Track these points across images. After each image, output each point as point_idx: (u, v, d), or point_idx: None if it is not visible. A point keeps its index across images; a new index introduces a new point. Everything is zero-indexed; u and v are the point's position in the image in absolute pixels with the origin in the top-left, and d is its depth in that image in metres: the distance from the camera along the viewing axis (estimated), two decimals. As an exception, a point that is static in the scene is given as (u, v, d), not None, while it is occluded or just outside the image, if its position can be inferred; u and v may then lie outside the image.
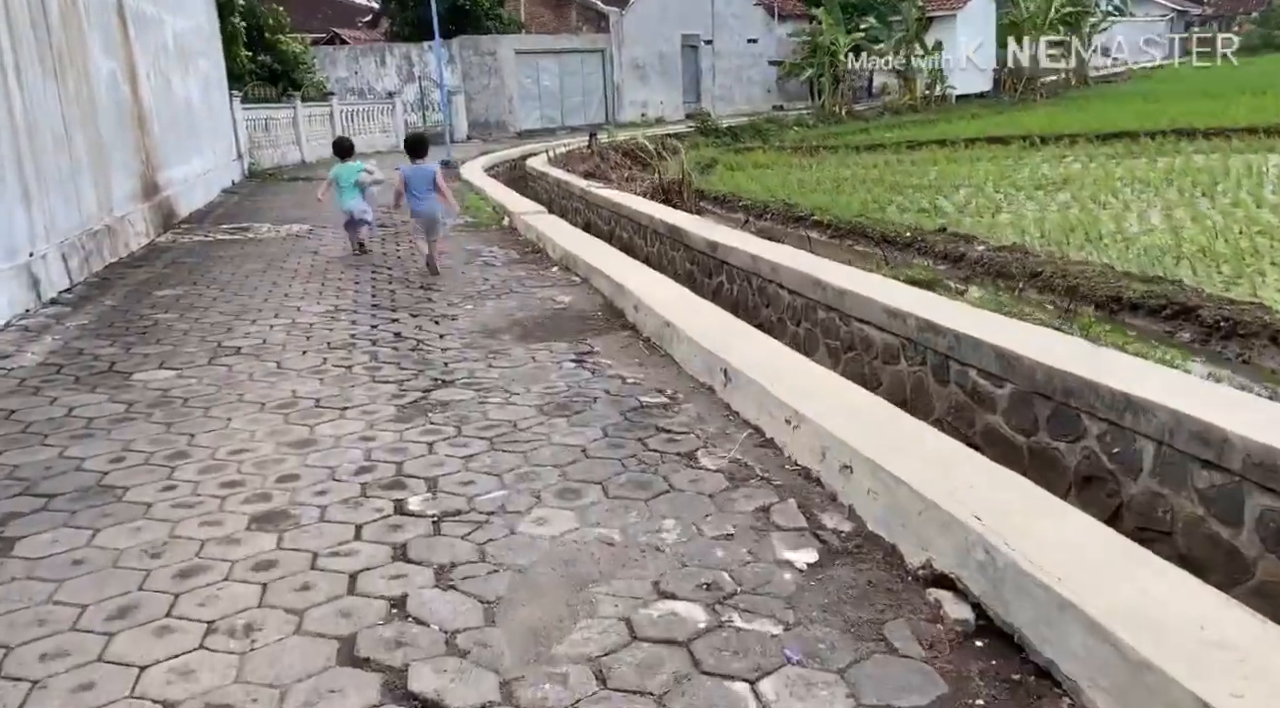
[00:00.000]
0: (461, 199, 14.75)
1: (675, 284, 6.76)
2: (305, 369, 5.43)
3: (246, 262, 9.37)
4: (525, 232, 10.85)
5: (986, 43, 39.50)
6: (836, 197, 15.48)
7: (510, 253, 9.69)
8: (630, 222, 11.94)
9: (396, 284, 8.12)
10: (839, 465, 3.49)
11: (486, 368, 5.43)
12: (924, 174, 18.63)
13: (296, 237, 11.18)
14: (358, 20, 45.26)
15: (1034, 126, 24.87)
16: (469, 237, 11.01)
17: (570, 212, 15.27)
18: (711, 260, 9.02)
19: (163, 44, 13.15)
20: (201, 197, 14.62)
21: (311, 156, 23.58)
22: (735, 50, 38.35)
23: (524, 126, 32.39)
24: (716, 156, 24.18)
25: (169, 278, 8.54)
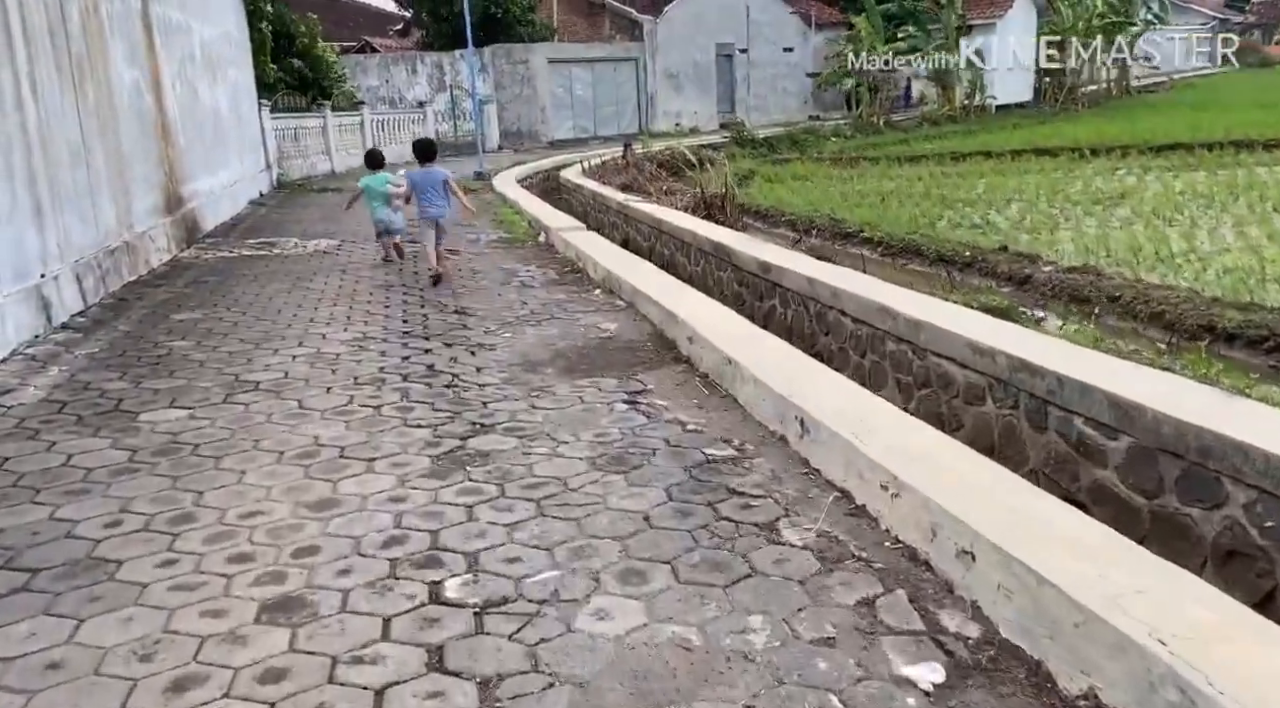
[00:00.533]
0: (494, 213, 14.32)
1: (733, 313, 6.20)
2: (329, 410, 4.92)
3: (271, 281, 8.92)
4: (563, 249, 10.34)
5: (1028, 51, 38.65)
6: (883, 211, 14.86)
7: (548, 272, 9.18)
8: (672, 238, 11.40)
9: (429, 307, 7.63)
10: (955, 549, 2.92)
11: (529, 409, 4.90)
12: (971, 187, 17.96)
13: (324, 253, 10.74)
14: (389, 29, 45.18)
15: (1081, 137, 24.08)
16: (504, 254, 10.52)
17: (607, 226, 14.77)
18: (763, 282, 8.46)
19: (190, 53, 12.81)
20: (228, 209, 14.26)
21: (341, 167, 23.27)
22: (770, 59, 37.77)
23: (556, 136, 32.00)
24: (754, 168, 23.60)
25: (189, 299, 8.11)
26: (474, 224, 13.42)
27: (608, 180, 17.79)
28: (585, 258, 9.22)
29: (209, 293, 8.37)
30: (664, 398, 5.04)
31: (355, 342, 6.42)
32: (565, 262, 9.81)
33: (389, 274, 9.29)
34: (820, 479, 3.80)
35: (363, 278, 9.01)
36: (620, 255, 9.08)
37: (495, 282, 8.75)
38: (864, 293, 6.55)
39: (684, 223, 11.03)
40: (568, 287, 8.42)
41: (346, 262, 10.04)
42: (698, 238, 10.32)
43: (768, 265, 8.29)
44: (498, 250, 10.85)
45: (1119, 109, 35.92)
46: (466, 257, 10.34)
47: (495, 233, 12.36)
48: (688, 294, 6.92)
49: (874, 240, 12.13)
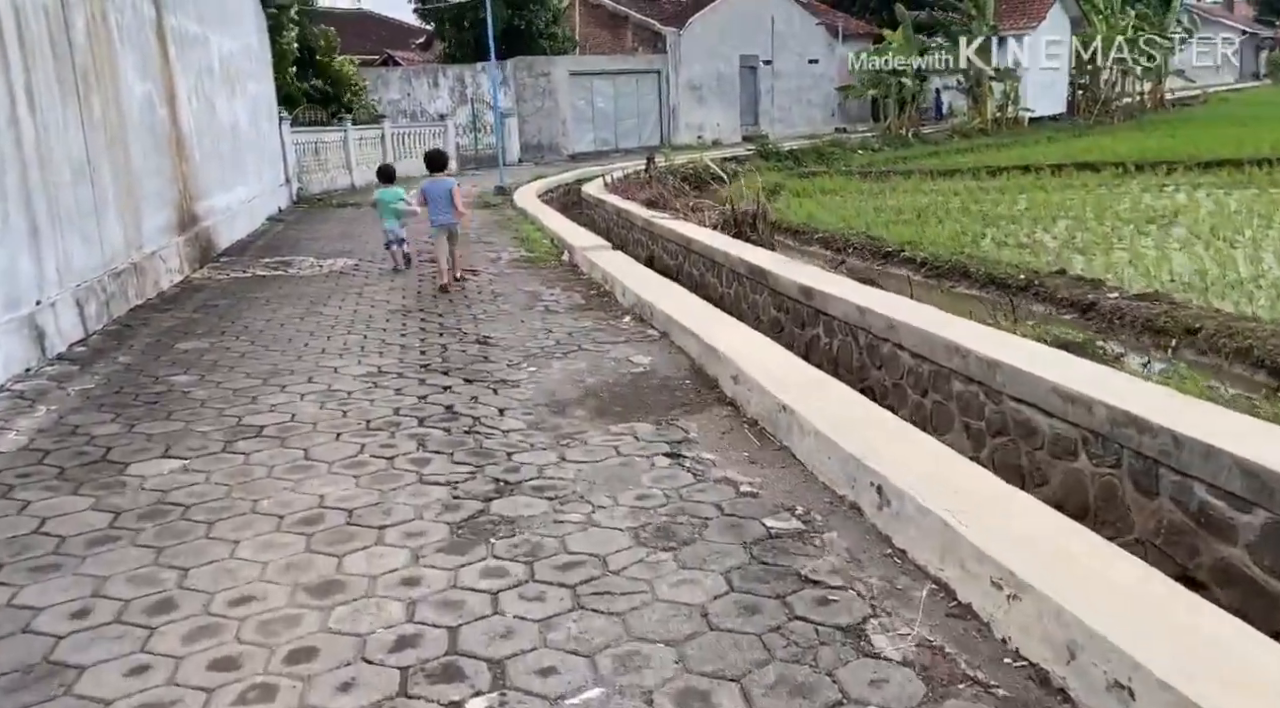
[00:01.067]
0: (515, 229, 13.84)
1: (781, 349, 5.64)
2: (338, 462, 4.40)
3: (284, 305, 8.44)
4: (589, 270, 9.82)
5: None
6: (922, 229, 14.24)
7: (573, 296, 8.66)
8: (702, 258, 10.85)
9: (448, 335, 7.11)
10: (1105, 680, 2.34)
11: (559, 462, 4.36)
12: (1012, 203, 17.32)
13: (340, 274, 10.27)
14: (411, 42, 45.05)
15: (1122, 152, 23.37)
16: (527, 275, 10.01)
17: (631, 244, 14.25)
18: (805, 309, 7.89)
19: (207, 65, 12.43)
20: (245, 226, 13.86)
21: (361, 181, 22.91)
22: (795, 71, 37.26)
23: (577, 149, 31.60)
24: (781, 182, 23.04)
25: (196, 326, 7.63)
26: (493, 241, 12.95)
27: (631, 195, 17.28)
28: (613, 281, 8.70)
29: (218, 319, 7.89)
30: (710, 449, 4.48)
31: (369, 377, 5.90)
32: (591, 284, 9.29)
33: (406, 297, 8.80)
34: (908, 563, 3.23)
35: (379, 302, 8.52)
36: (650, 278, 8.54)
37: (518, 306, 8.24)
38: (927, 326, 5.97)
39: (715, 242, 10.48)
40: (595, 313, 7.89)
41: (363, 284, 9.56)
42: (730, 259, 9.76)
43: (810, 291, 7.72)
44: (520, 271, 10.35)
45: (1155, 123, 35.09)
46: (487, 278, 9.84)
47: (517, 251, 11.87)
48: (727, 324, 6.37)
49: (916, 260, 11.53)
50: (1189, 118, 36.89)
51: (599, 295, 8.69)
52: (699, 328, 6.24)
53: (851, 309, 6.98)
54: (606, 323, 7.45)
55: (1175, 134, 28.57)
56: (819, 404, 4.41)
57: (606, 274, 9.00)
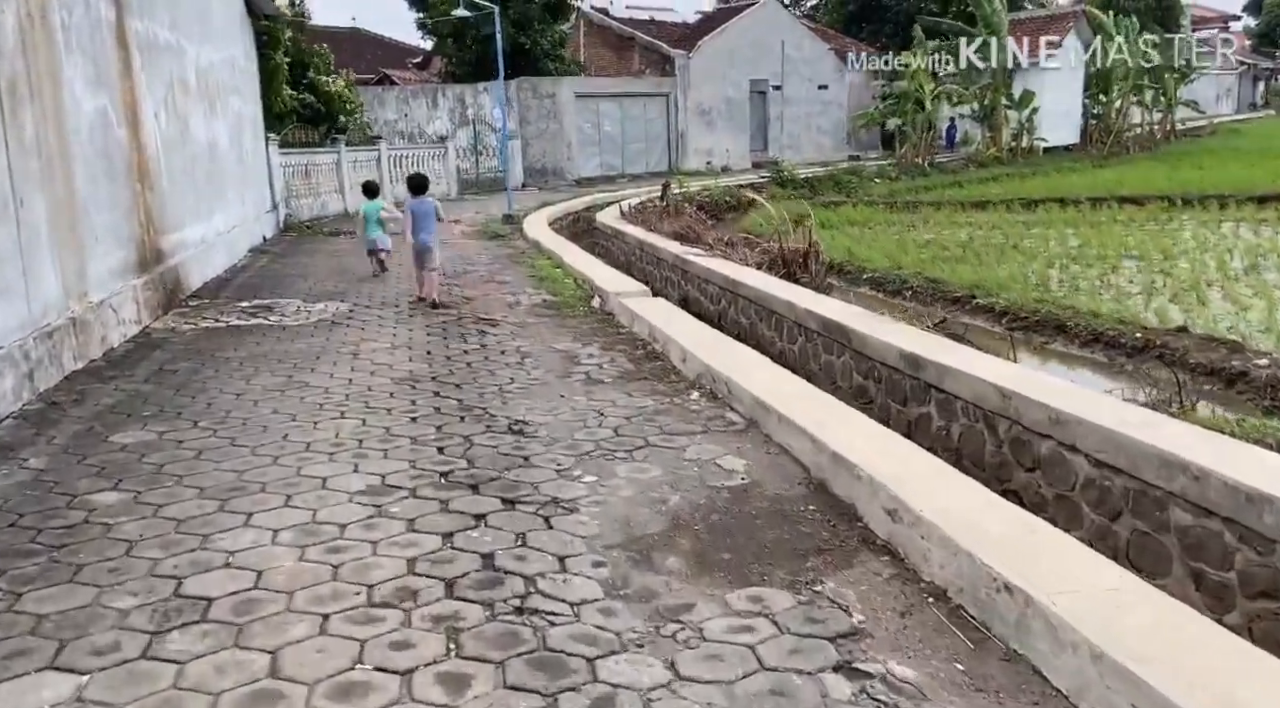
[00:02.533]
0: (530, 265, 12.28)
1: (947, 467, 4.08)
2: (322, 683, 2.80)
3: (261, 371, 6.84)
4: (629, 323, 8.28)
5: (1074, 93, 36.92)
6: (979, 269, 12.79)
7: (617, 358, 7.10)
8: (755, 305, 9.32)
9: (471, 419, 5.53)
10: None
11: (666, 670, 2.83)
12: (1062, 239, 15.91)
13: (332, 323, 8.68)
14: (408, 61, 43.71)
15: (1160, 185, 22.06)
16: (553, 325, 8.45)
17: (659, 282, 12.73)
18: (909, 381, 6.35)
19: (181, 77, 10.89)
20: (223, 259, 12.27)
21: (355, 206, 21.29)
22: (805, 97, 36.02)
23: (582, 174, 30.17)
24: (803, 212, 21.58)
25: (146, 402, 6.02)
26: (508, 279, 11.40)
27: (653, 226, 15.79)
28: (664, 339, 7.15)
29: (175, 391, 6.28)
30: (899, 655, 2.92)
31: (371, 496, 4.31)
32: (634, 341, 7.74)
33: (413, 357, 7.21)
34: None
35: (380, 366, 6.92)
36: (713, 339, 6.99)
37: (552, 373, 6.67)
38: (1121, 428, 4.42)
39: (773, 288, 8.95)
40: (650, 383, 6.33)
41: (359, 338, 7.97)
42: (796, 310, 8.23)
43: (918, 360, 6.19)
44: (544, 320, 8.79)
45: (1174, 154, 33.93)
46: (508, 329, 8.28)
47: (537, 293, 10.32)
48: (845, 416, 4.81)
49: (994, 310, 10.03)
50: (1206, 148, 35.72)
51: (648, 357, 7.13)
52: (809, 421, 4.69)
53: (988, 392, 5.44)
54: (669, 401, 5.88)
55: (1203, 166, 27.34)
56: (1069, 585, 2.85)
57: (655, 330, 7.46)
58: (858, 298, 11.62)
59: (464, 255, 13.72)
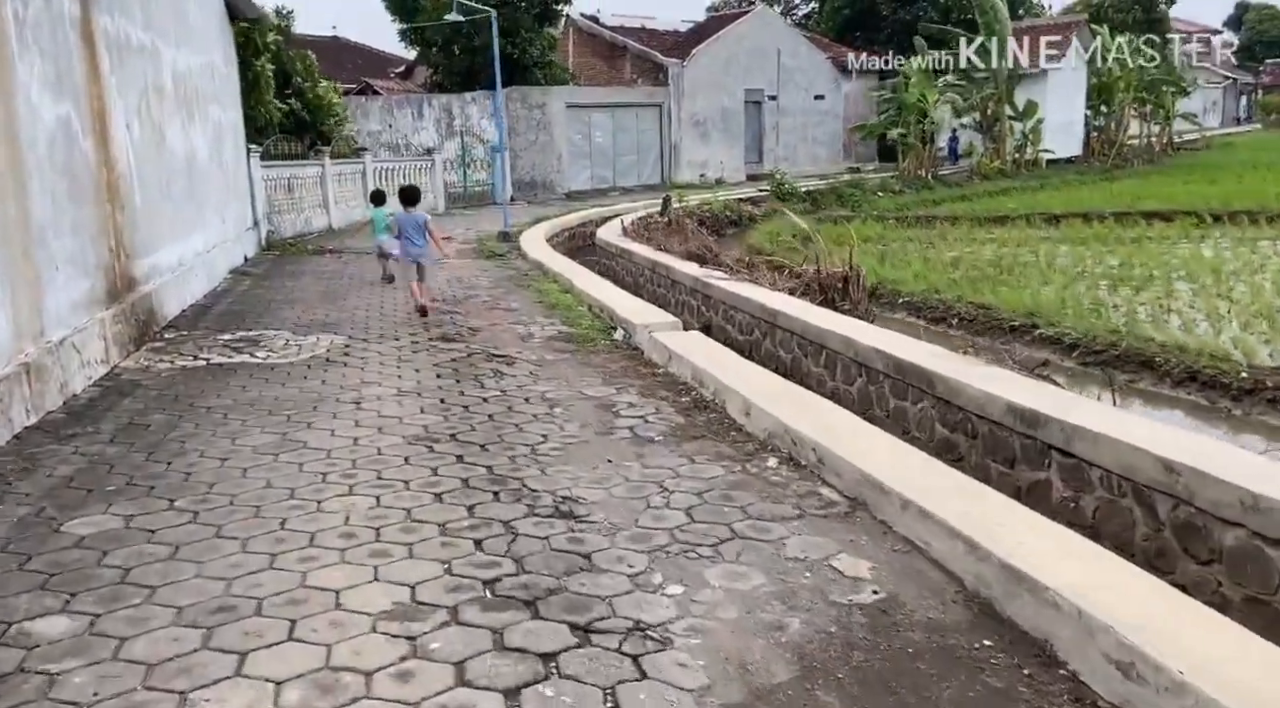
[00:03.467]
0: (536, 290, 11.27)
1: (1188, 598, 3.13)
2: None
3: (249, 426, 5.81)
4: (663, 360, 7.31)
5: (1076, 105, 36.40)
6: (1018, 290, 11.90)
7: (662, 408, 6.12)
8: (801, 339, 8.37)
9: (507, 494, 4.54)
10: None
11: None
12: (1097, 257, 15.10)
13: (327, 361, 7.65)
14: (390, 71, 42.62)
15: (1180, 199, 21.38)
16: (577, 364, 7.46)
17: (674, 306, 11.77)
18: (1020, 441, 5.41)
19: (156, 83, 9.85)
20: (202, 284, 11.20)
21: (340, 221, 20.30)
22: (801, 107, 35.28)
23: (573, 187, 29.21)
24: (812, 228, 20.71)
25: (111, 471, 4.97)
26: (515, 306, 10.40)
27: (661, 244, 14.82)
28: (715, 385, 6.19)
29: (147, 454, 5.23)
30: None
31: (400, 622, 3.29)
32: (675, 384, 6.77)
33: (424, 405, 6.20)
34: None
35: (389, 419, 5.91)
36: (778, 387, 6.03)
37: (590, 428, 5.69)
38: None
39: (827, 322, 7.99)
40: (711, 442, 5.36)
41: (360, 380, 6.95)
42: (858, 347, 7.28)
43: (1035, 417, 5.23)
44: (565, 357, 7.81)
45: (1179, 167, 33.42)
46: (526, 369, 7.28)
47: (549, 323, 9.33)
48: (1011, 512, 3.85)
49: (1059, 341, 9.12)
50: (1209, 162, 35.21)
51: (697, 406, 6.16)
52: (952, 514, 3.73)
53: (1143, 462, 4.50)
54: (742, 469, 4.91)
55: (1215, 180, 26.73)
56: None
57: (700, 373, 6.49)
58: (896, 326, 10.69)
59: (462, 278, 12.70)
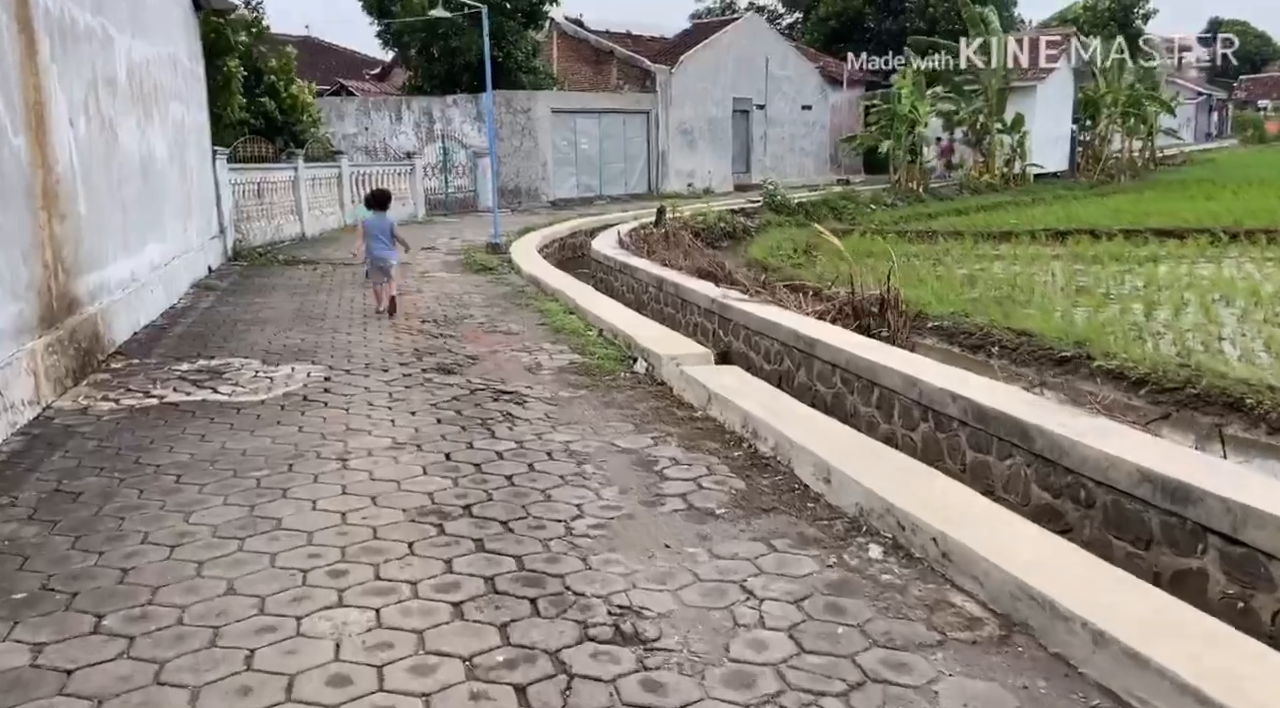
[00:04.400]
0: (538, 310, 10.17)
1: None
2: None
3: (208, 494, 4.67)
4: (700, 402, 6.26)
5: (1063, 119, 35.94)
6: (1048, 313, 11.02)
7: (713, 466, 5.08)
8: (845, 373, 7.36)
9: (549, 608, 3.46)
10: None
11: None
12: (1118, 277, 14.31)
13: (305, 400, 6.52)
14: (365, 72, 41.34)
15: (1185, 216, 20.76)
16: (599, 405, 6.39)
17: (684, 328, 10.74)
18: (1159, 517, 4.42)
19: (108, 74, 8.69)
20: (159, 301, 10.01)
21: (314, 229, 19.08)
22: (789, 117, 34.50)
23: (558, 195, 28.14)
24: (807, 241, 19.82)
25: (22, 567, 3.81)
26: (516, 329, 9.32)
27: (666, 259, 13.79)
28: (776, 439, 5.17)
29: (73, 540, 4.09)
30: None
31: None
32: (720, 431, 5.74)
33: (428, 464, 5.09)
34: None
35: (384, 484, 4.80)
36: (861, 446, 4.99)
37: (632, 497, 4.63)
38: None
39: (882, 356, 6.95)
40: (787, 518, 4.32)
41: (344, 429, 5.82)
42: (925, 388, 6.28)
43: (1185, 491, 4.25)
44: (582, 393, 6.74)
45: (1167, 182, 32.98)
46: (540, 411, 6.21)
47: (557, 350, 8.26)
48: (1263, 661, 2.85)
49: (1122, 375, 8.19)
50: (1196, 178, 34.68)
51: (755, 464, 5.13)
52: (1207, 680, 2.70)
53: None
54: (837, 559, 3.88)
55: (1213, 197, 26.18)
56: None
57: (755, 423, 5.46)
58: (935, 354, 9.72)
59: (451, 295, 11.59)
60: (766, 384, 6.49)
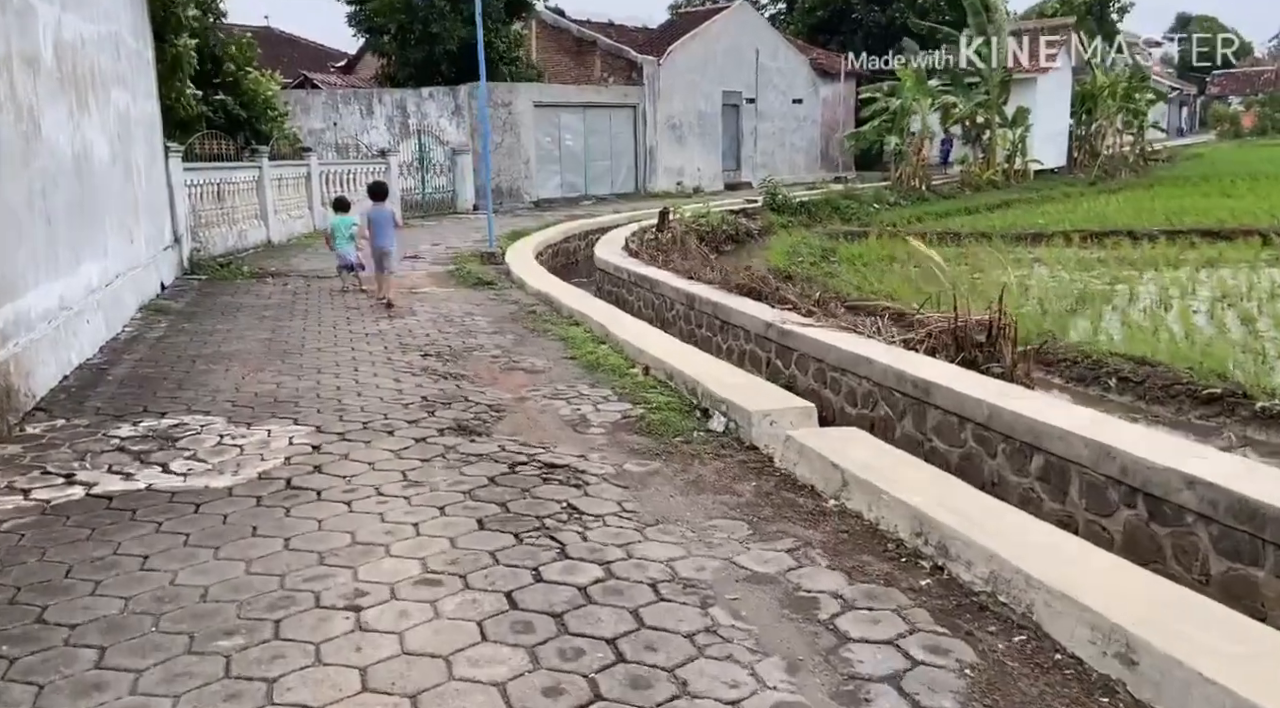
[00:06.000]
0: (558, 336, 8.45)
1: None
2: None
3: (142, 690, 2.96)
4: (839, 490, 4.62)
5: (1062, 113, 34.82)
6: (1144, 332, 9.57)
7: (904, 609, 3.46)
8: (984, 431, 5.76)
9: None
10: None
11: None
12: (1183, 286, 12.86)
13: (289, 486, 4.76)
14: (330, 65, 39.18)
15: (1219, 214, 19.55)
16: (684, 486, 4.73)
17: (727, 354, 9.13)
18: None
19: (27, 53, 6.86)
20: (99, 331, 8.18)
21: (281, 235, 17.19)
22: (779, 112, 32.99)
23: (541, 195, 26.40)
24: (826, 246, 18.30)
25: None
26: (543, 366, 7.61)
27: (695, 272, 12.12)
28: (983, 562, 3.56)
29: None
30: None
31: None
32: (877, 535, 4.12)
33: (485, 627, 3.42)
34: None
35: (422, 661, 3.10)
36: (1155, 592, 3.38)
37: (810, 681, 3.00)
38: None
39: (1037, 411, 5.39)
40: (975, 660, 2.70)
41: (350, 542, 4.10)
42: (1125, 461, 4.70)
43: None
44: (654, 467, 5.09)
45: (1170, 178, 31.87)
46: (609, 492, 4.55)
47: (599, 396, 6.59)
48: None
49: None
50: (1196, 173, 33.64)
51: (959, 604, 3.51)
52: None
53: None
54: None
55: (1230, 194, 25.05)
56: None
57: (935, 528, 3.85)
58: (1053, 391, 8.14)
59: (450, 317, 9.86)
60: (916, 460, 4.86)
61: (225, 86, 17.41)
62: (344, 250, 11.45)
